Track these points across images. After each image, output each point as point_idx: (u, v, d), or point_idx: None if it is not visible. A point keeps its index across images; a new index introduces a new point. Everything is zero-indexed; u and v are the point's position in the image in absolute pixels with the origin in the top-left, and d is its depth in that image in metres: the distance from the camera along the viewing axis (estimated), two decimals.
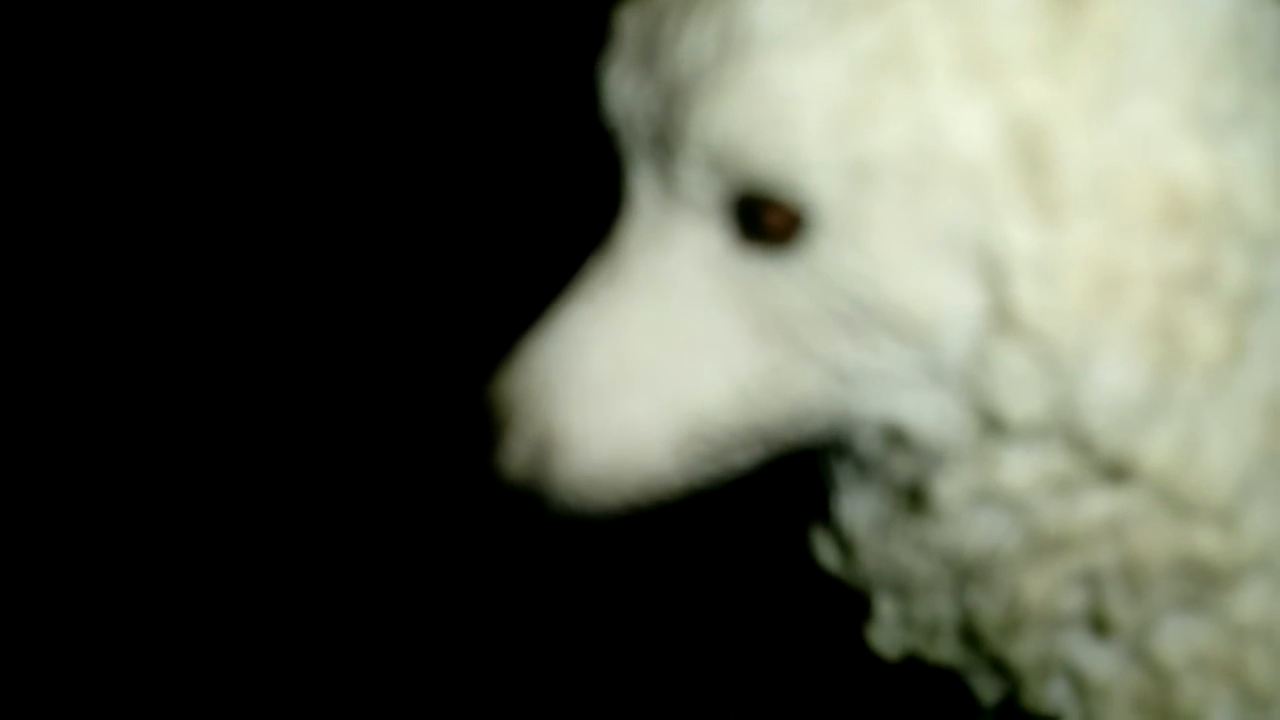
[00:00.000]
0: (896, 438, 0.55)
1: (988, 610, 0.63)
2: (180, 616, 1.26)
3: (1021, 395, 0.48)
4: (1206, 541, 0.56)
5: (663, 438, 0.52)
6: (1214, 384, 0.51)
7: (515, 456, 0.52)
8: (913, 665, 0.72)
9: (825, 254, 0.48)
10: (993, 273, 0.46)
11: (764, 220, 0.49)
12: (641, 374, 0.52)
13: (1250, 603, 0.60)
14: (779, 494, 0.70)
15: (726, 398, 0.52)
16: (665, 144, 0.50)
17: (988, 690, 0.73)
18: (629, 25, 0.53)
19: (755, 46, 0.46)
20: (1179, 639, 0.62)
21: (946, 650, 0.70)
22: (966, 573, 0.62)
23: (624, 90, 0.52)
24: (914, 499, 0.58)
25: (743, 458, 0.56)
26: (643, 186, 0.52)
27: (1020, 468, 0.53)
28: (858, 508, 0.63)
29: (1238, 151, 0.48)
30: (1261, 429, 0.54)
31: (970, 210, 0.46)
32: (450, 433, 0.54)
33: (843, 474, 0.63)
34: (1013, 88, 0.44)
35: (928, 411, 0.52)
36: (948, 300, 0.48)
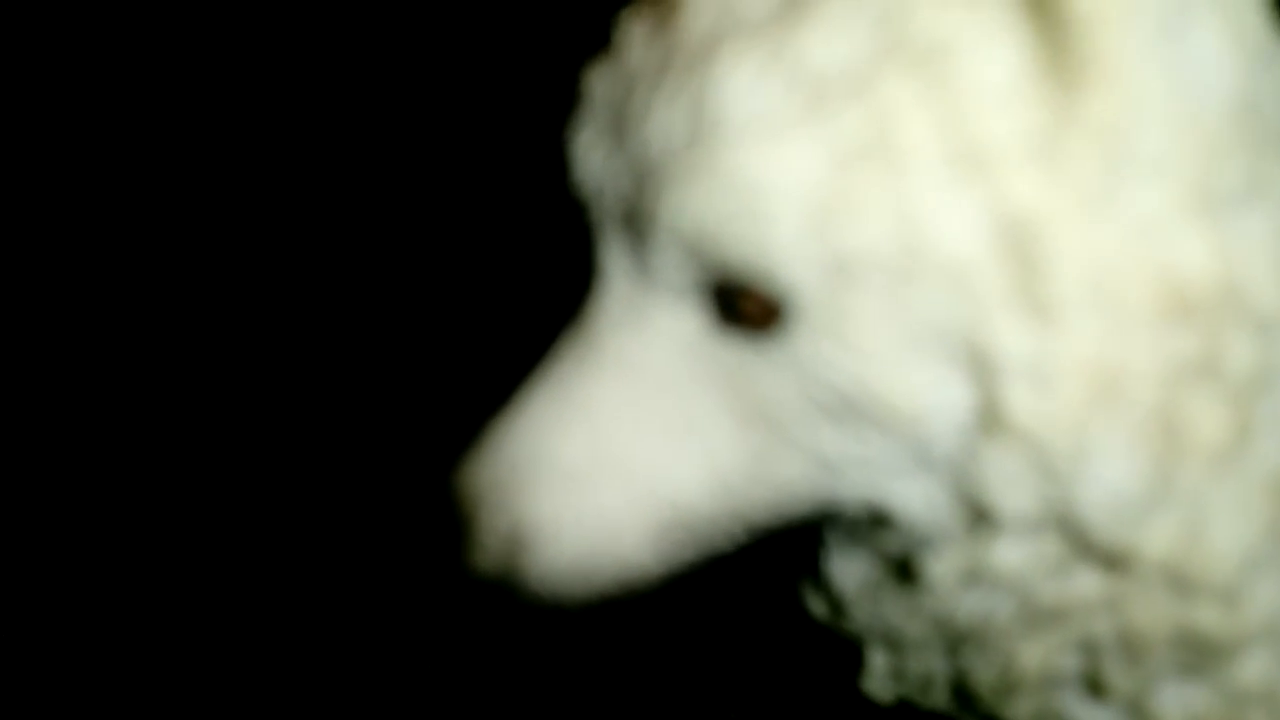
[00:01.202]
0: (884, 519, 0.52)
1: (983, 673, 0.61)
2: (173, 612, 1.26)
3: (1013, 493, 0.46)
4: (1207, 617, 0.54)
5: (640, 528, 0.50)
6: (1218, 469, 0.48)
7: (485, 550, 0.50)
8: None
9: (805, 344, 0.46)
10: (983, 373, 0.44)
11: (741, 308, 0.46)
12: (616, 462, 0.49)
13: (1252, 671, 0.58)
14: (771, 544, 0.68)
15: (707, 486, 0.49)
16: (636, 225, 0.47)
17: None
18: (597, 90, 0.49)
19: (727, 132, 0.43)
20: (1177, 704, 0.60)
21: (941, 700, 0.69)
22: (960, 638, 0.60)
23: (593, 160, 0.49)
24: (903, 571, 0.56)
25: (723, 544, 0.53)
26: (615, 262, 0.49)
27: (1013, 553, 0.51)
28: (848, 569, 0.61)
29: (1244, 230, 0.45)
30: (1267, 507, 0.52)
31: (959, 309, 0.43)
32: (417, 524, 0.52)
33: (832, 537, 0.61)
34: (1003, 182, 0.41)
35: (915, 498, 0.50)
36: (935, 395, 0.45)
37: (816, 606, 0.67)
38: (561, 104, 0.53)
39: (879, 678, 0.68)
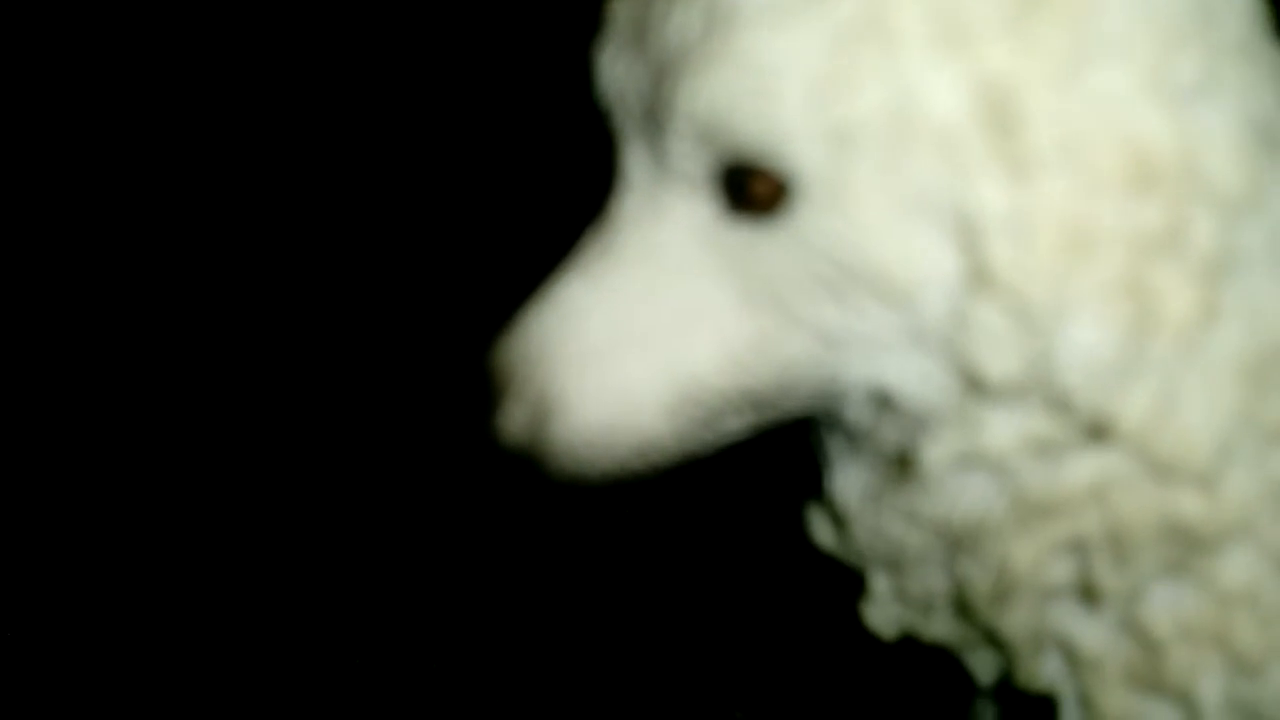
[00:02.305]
0: (883, 402, 0.56)
1: (978, 580, 0.64)
2: (167, 590, 1.27)
3: (999, 353, 0.50)
4: (1189, 505, 0.58)
5: (657, 401, 0.54)
6: (1187, 346, 0.53)
7: (514, 420, 0.54)
8: (910, 653, 0.74)
9: (809, 220, 0.50)
10: (968, 232, 0.48)
11: (750, 189, 0.51)
12: (636, 340, 0.54)
13: (1235, 569, 0.61)
14: (777, 485, 0.72)
15: (718, 362, 0.54)
16: (655, 119, 0.52)
17: (983, 668, 0.75)
18: (620, 11, 0.55)
19: (738, 21, 0.49)
20: (1167, 608, 0.63)
21: (941, 626, 0.71)
22: (956, 542, 0.63)
23: (616, 71, 0.55)
24: (902, 466, 0.60)
25: (735, 424, 0.57)
26: (635, 162, 0.55)
27: (1003, 430, 0.55)
28: (849, 480, 0.65)
29: (1202, 119, 0.50)
30: (1237, 392, 0.56)
31: (945, 172, 0.48)
32: (454, 400, 0.56)
33: (834, 447, 0.65)
34: (981, 54, 0.46)
35: (911, 374, 0.54)
36: (926, 261, 0.50)
37: (821, 531, 0.70)
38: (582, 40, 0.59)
39: (881, 603, 0.71)
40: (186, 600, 1.27)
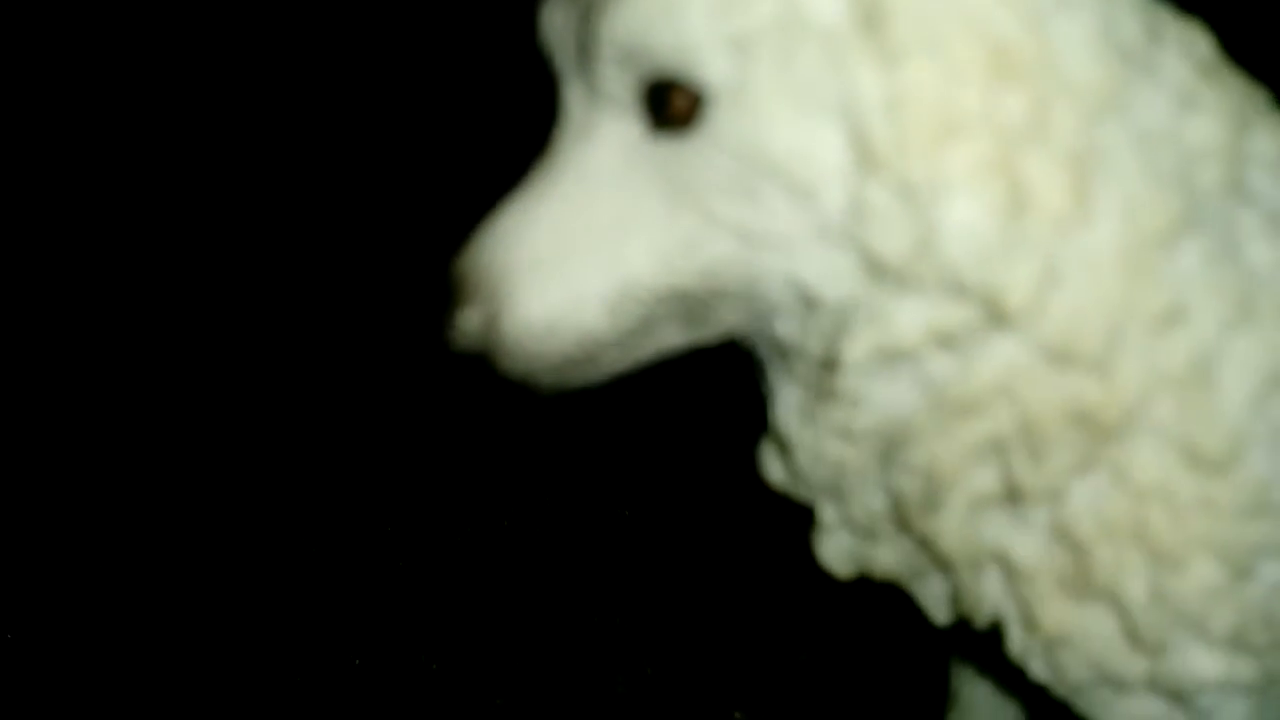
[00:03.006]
0: (805, 303, 0.63)
1: (909, 489, 0.69)
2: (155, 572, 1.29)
3: (890, 233, 0.57)
4: (1088, 390, 0.63)
5: (597, 297, 0.61)
6: (1064, 230, 0.59)
7: (469, 320, 0.61)
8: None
9: (720, 126, 0.58)
10: (853, 120, 0.56)
11: (670, 103, 0.59)
12: (577, 245, 0.61)
13: (1144, 462, 0.66)
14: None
15: (650, 263, 0.61)
16: (585, 52, 0.61)
17: (935, 602, 0.79)
18: None
19: None
20: (1087, 506, 0.68)
21: (888, 553, 0.76)
22: (887, 453, 0.69)
23: (555, 20, 0.63)
24: (829, 371, 0.66)
25: (669, 332, 0.64)
26: (572, 95, 0.63)
27: (911, 319, 0.61)
28: (788, 403, 0.71)
29: (1060, 27, 0.58)
30: (1118, 282, 0.62)
31: (829, 69, 0.55)
32: (419, 305, 0.63)
33: (773, 372, 0.71)
34: None
35: (824, 268, 0.60)
36: (823, 154, 0.57)
37: (771, 467, 0.76)
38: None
39: (831, 532, 0.76)
40: (181, 594, 1.29)
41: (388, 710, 1.15)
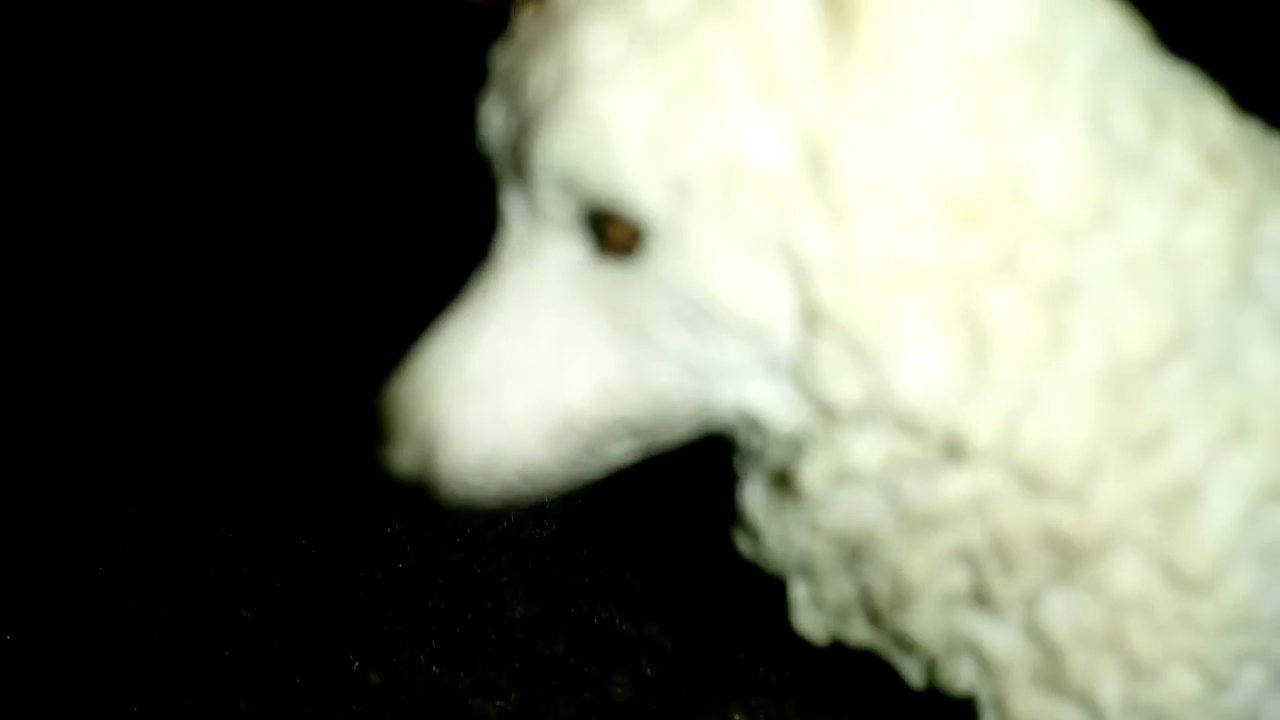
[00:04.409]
0: (754, 427, 0.59)
1: (879, 587, 0.66)
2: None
3: (840, 383, 0.53)
4: (1062, 516, 0.60)
5: (536, 430, 0.58)
6: (1038, 366, 0.55)
7: (403, 451, 0.58)
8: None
9: (661, 261, 0.54)
10: (798, 271, 0.51)
11: (609, 234, 0.54)
12: (515, 373, 0.58)
13: (1124, 577, 0.63)
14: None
15: (592, 393, 0.57)
16: (521, 168, 0.56)
17: (911, 672, 0.77)
18: (500, 62, 0.59)
19: (581, 79, 0.52)
20: (1064, 614, 0.65)
21: (860, 632, 0.74)
22: (854, 552, 0.66)
23: (494, 122, 0.58)
24: (787, 483, 0.63)
25: (620, 451, 0.61)
26: (513, 207, 0.58)
27: (867, 449, 0.58)
28: (754, 494, 0.68)
29: (1035, 148, 0.52)
30: (1100, 406, 0.57)
31: (774, 216, 0.51)
32: (348, 437, 0.60)
33: (738, 465, 0.68)
34: (799, 105, 0.49)
35: (773, 400, 0.57)
36: (768, 298, 0.53)
37: (742, 543, 0.73)
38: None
39: (804, 608, 0.74)
40: (181, 594, 1.32)
41: (387, 710, 1.17)
